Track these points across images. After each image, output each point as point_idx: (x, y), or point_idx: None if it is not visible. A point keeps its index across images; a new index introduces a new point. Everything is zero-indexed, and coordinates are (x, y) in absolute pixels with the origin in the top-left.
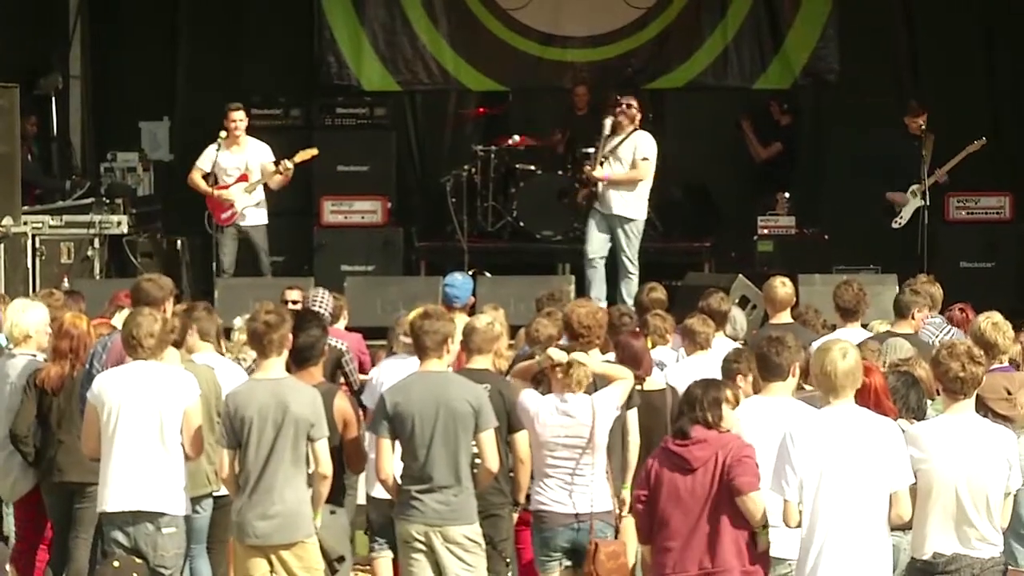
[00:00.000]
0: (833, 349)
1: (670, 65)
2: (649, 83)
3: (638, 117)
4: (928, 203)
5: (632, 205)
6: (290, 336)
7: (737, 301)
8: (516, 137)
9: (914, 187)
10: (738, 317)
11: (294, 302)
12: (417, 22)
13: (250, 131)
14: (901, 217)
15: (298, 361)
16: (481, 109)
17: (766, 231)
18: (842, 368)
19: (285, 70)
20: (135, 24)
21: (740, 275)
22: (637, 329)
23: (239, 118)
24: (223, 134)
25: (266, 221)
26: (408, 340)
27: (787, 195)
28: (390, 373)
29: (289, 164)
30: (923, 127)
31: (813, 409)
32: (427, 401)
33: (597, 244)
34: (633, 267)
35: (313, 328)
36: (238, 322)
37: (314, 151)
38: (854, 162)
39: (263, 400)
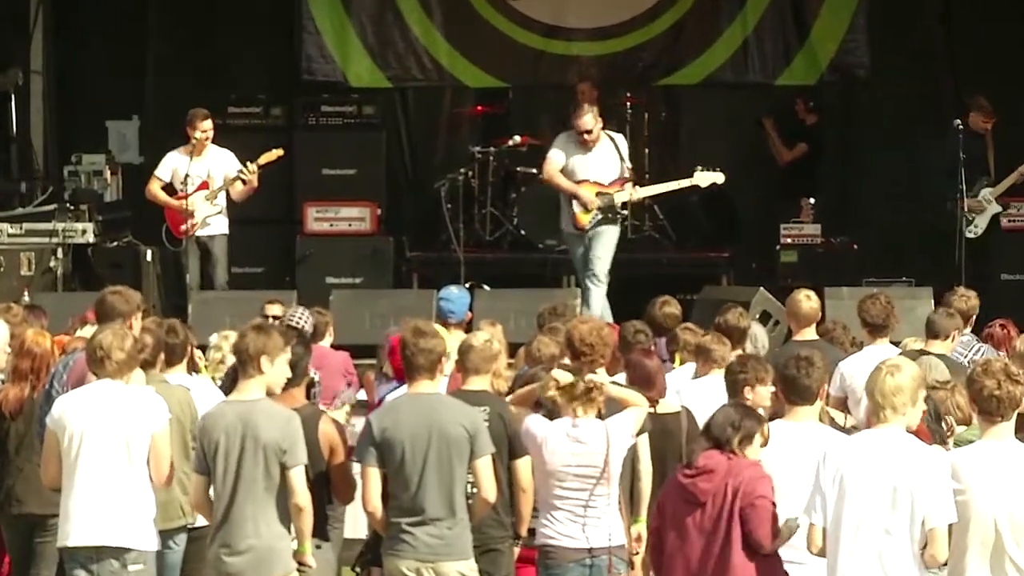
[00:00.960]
0: (884, 366)
1: (684, 60)
2: (662, 79)
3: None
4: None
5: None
6: (279, 355)
7: (758, 317)
8: (517, 138)
9: (986, 191)
10: (759, 334)
11: (275, 317)
12: (409, 13)
13: (227, 131)
14: (976, 226)
15: None
16: (479, 107)
17: (789, 240)
18: (890, 385)
19: (265, 65)
20: (102, 14)
21: (761, 288)
22: (652, 347)
23: (208, 128)
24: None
25: (227, 231)
26: None
27: (812, 201)
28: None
29: (253, 167)
30: (988, 128)
31: (844, 435)
32: (418, 426)
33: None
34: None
35: (295, 346)
36: (214, 339)
37: (279, 152)
38: (886, 165)
39: (230, 423)
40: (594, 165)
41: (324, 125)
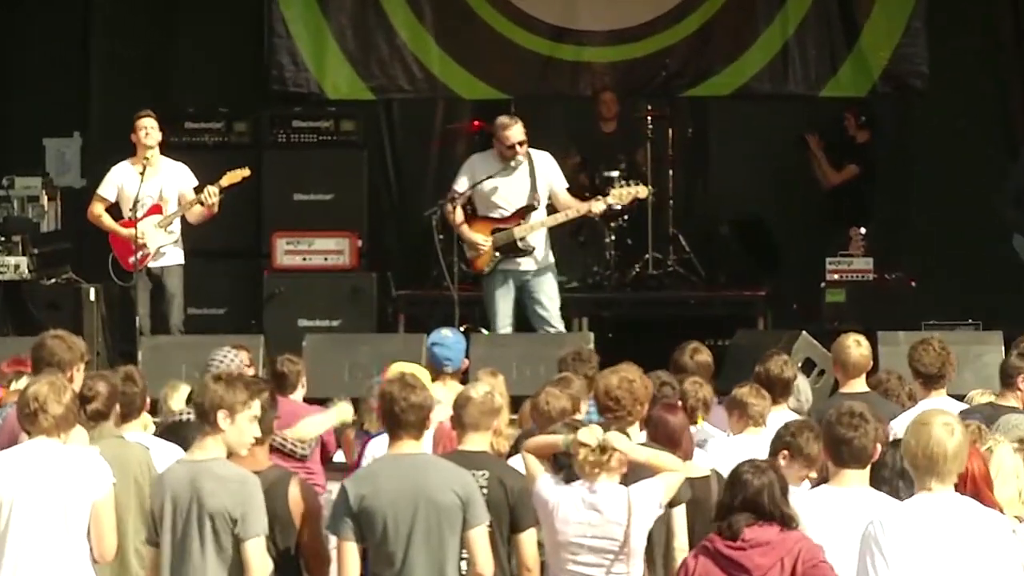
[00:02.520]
0: (934, 423)
1: (714, 67)
2: (688, 90)
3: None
4: None
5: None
6: (243, 409)
7: (800, 365)
8: (520, 157)
9: None
10: (802, 385)
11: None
12: (395, 14)
13: (184, 150)
14: None
15: None
16: (475, 122)
17: (836, 276)
18: (949, 448)
19: (228, 73)
20: (40, 16)
21: (804, 332)
22: (679, 402)
23: (149, 126)
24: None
25: (182, 261)
26: None
27: (863, 231)
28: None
29: (214, 190)
30: None
31: (896, 502)
32: (402, 492)
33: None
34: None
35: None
36: (176, 397)
37: (245, 172)
38: (947, 189)
39: (177, 487)
40: (508, 189)
41: (296, 143)
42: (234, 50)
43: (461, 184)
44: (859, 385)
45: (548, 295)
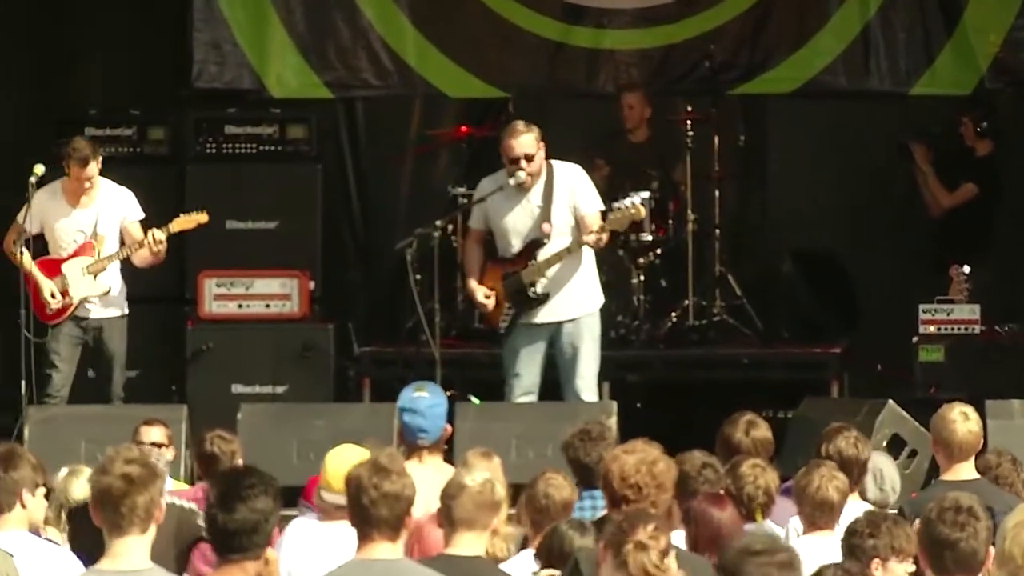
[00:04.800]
0: None
1: (773, 57)
2: (739, 87)
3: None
4: None
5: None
6: (163, 502)
7: (885, 444)
8: (521, 175)
9: None
10: (886, 469)
11: (156, 444)
12: None
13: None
14: None
15: None
16: (463, 128)
17: (933, 329)
18: None
19: (140, 65)
20: None
21: (890, 402)
22: (723, 491)
23: (88, 175)
24: (39, 169)
25: (126, 311)
26: (333, 499)
27: (966, 270)
28: (302, 545)
29: (160, 235)
30: None
31: None
32: None
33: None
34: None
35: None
36: (77, 484)
37: (202, 217)
38: None
39: None
40: (519, 220)
41: (229, 154)
42: (148, 36)
43: (472, 215)
44: (966, 471)
45: (585, 357)
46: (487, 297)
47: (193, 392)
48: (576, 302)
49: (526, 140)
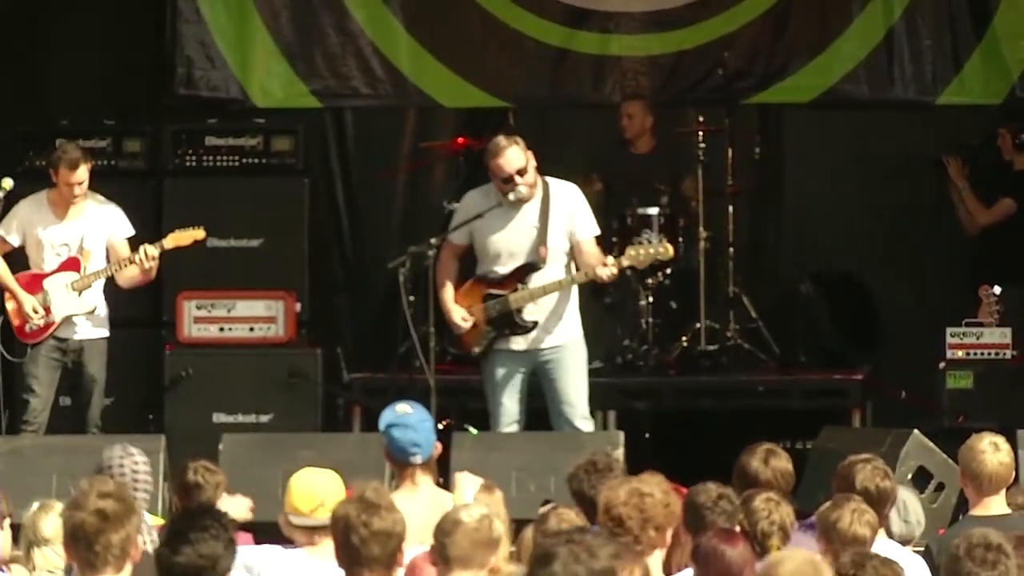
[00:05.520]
0: None
1: (791, 64)
2: (754, 96)
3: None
4: None
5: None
6: (139, 539)
7: (911, 477)
8: (522, 189)
9: None
10: (910, 503)
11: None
12: None
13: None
14: None
15: None
16: (460, 139)
17: (961, 354)
18: None
19: (116, 74)
20: None
21: (915, 432)
22: (739, 525)
23: (79, 180)
24: (7, 183)
25: (106, 333)
26: (302, 522)
27: (996, 291)
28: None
29: (153, 251)
30: None
31: None
32: None
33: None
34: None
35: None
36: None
37: (199, 234)
38: None
39: None
40: (510, 239)
41: (210, 168)
42: (123, 42)
43: (455, 230)
44: (996, 505)
45: (573, 383)
46: (464, 320)
47: (171, 421)
48: (561, 328)
49: (513, 155)
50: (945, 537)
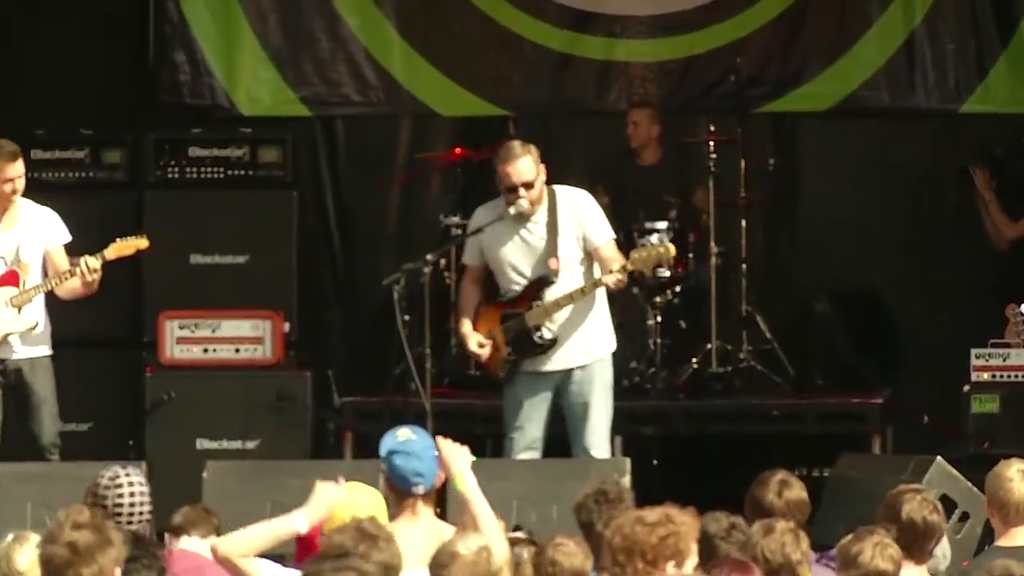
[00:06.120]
0: None
1: (807, 70)
2: (768, 104)
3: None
4: None
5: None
6: (117, 572)
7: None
8: (523, 203)
9: None
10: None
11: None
12: None
13: (28, 189)
14: None
15: None
16: (457, 150)
17: (987, 376)
18: None
19: (93, 81)
20: None
21: (938, 459)
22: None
23: (17, 174)
24: None
25: (49, 352)
26: None
27: (1023, 309)
28: None
29: (95, 262)
30: None
31: None
32: None
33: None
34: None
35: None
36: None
37: (141, 243)
38: None
39: None
40: (521, 255)
41: (193, 180)
42: (103, 47)
43: (466, 250)
44: (1023, 535)
45: (596, 407)
46: (481, 346)
47: (152, 448)
48: (587, 346)
49: (524, 165)
50: (968, 569)
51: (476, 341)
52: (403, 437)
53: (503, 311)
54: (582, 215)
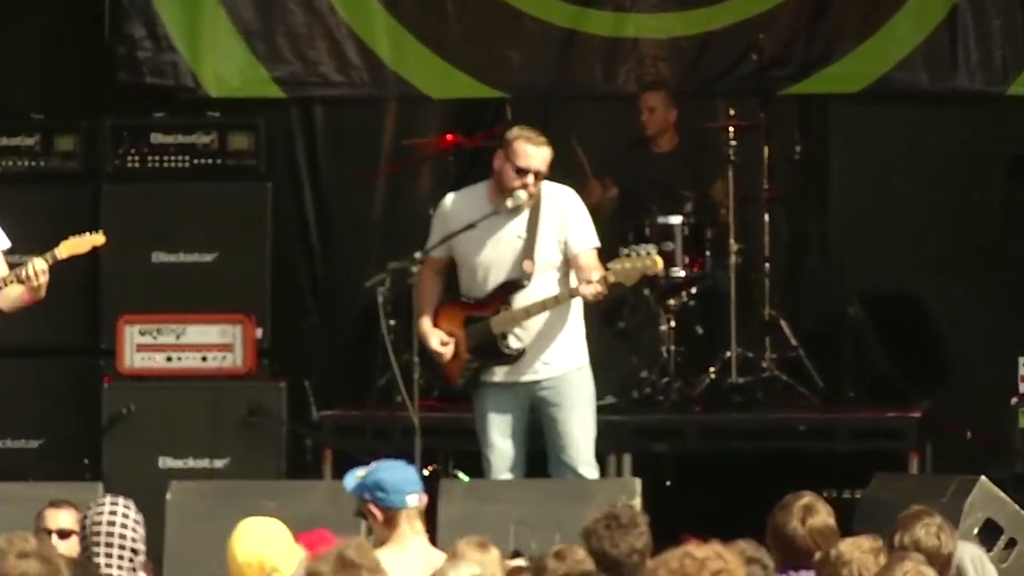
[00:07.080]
0: None
1: (836, 48)
2: (793, 86)
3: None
4: None
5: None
6: None
7: (977, 531)
8: (521, 195)
9: None
10: (972, 560)
11: (62, 533)
12: None
13: None
14: None
15: None
16: (448, 136)
17: None
18: None
19: (47, 62)
20: None
21: (983, 478)
22: None
23: None
24: None
25: None
26: None
27: None
28: None
29: (43, 264)
30: None
31: None
32: None
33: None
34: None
35: None
36: None
37: (97, 239)
38: None
39: None
40: (495, 252)
41: (157, 169)
42: (55, 24)
43: (432, 241)
44: None
45: (576, 422)
46: (443, 344)
47: (111, 466)
48: (558, 357)
49: (545, 153)
50: None
51: (438, 339)
52: (389, 470)
53: (467, 313)
54: (567, 217)
